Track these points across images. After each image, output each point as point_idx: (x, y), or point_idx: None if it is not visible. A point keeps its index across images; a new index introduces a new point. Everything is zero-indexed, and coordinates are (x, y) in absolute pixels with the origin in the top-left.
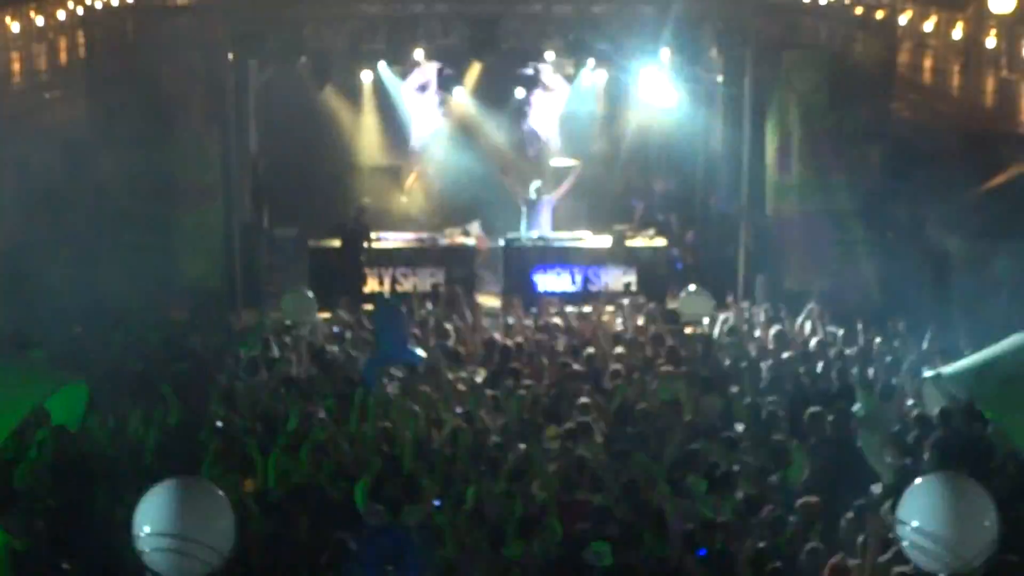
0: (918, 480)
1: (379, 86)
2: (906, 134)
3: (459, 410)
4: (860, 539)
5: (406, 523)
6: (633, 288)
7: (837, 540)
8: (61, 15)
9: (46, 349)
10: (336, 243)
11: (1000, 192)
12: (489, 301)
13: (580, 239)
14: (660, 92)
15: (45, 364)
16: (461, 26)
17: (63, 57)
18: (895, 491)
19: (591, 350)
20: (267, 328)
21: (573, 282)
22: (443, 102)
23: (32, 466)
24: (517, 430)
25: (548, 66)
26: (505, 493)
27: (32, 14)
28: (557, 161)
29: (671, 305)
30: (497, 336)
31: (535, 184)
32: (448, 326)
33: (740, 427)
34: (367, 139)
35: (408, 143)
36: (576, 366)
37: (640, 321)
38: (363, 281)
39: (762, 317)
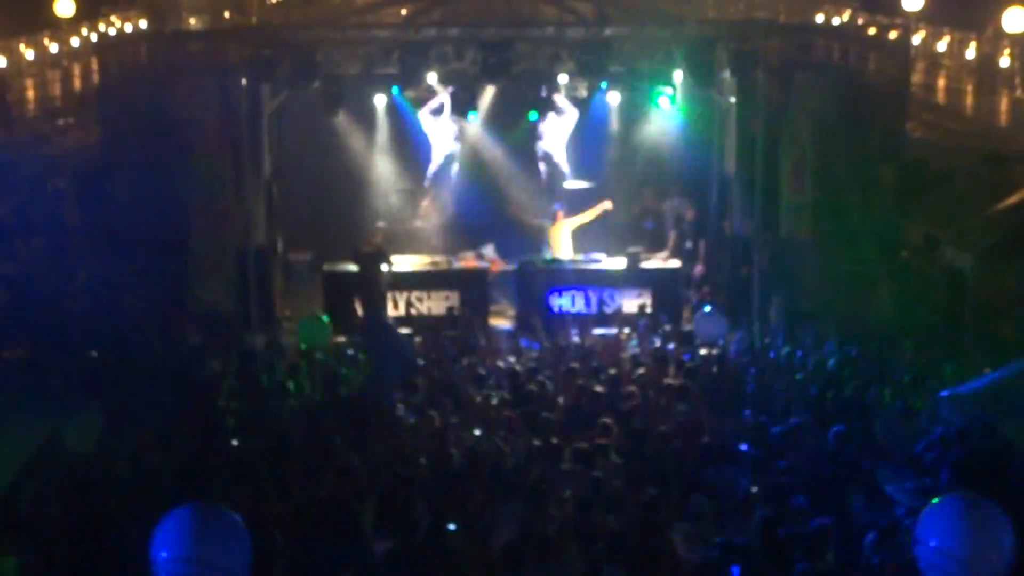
0: (936, 500)
1: (392, 110)
2: (920, 154)
3: (476, 432)
4: (879, 560)
5: (421, 546)
6: (648, 310)
7: (856, 561)
8: (75, 42)
9: (62, 375)
10: (353, 267)
11: (1014, 211)
12: (504, 324)
13: (594, 261)
14: (673, 114)
15: (60, 390)
16: (474, 50)
17: (77, 84)
18: (914, 511)
19: (607, 372)
20: (282, 352)
21: (588, 304)
22: (457, 126)
23: (48, 492)
24: (534, 452)
25: (561, 89)
26: (522, 516)
27: (46, 41)
28: (571, 184)
29: (686, 326)
30: (512, 359)
31: (554, 206)
32: (464, 349)
33: (758, 448)
34: (381, 163)
35: (422, 167)
36: (592, 388)
37: (656, 343)
38: (384, 304)
39: (777, 338)
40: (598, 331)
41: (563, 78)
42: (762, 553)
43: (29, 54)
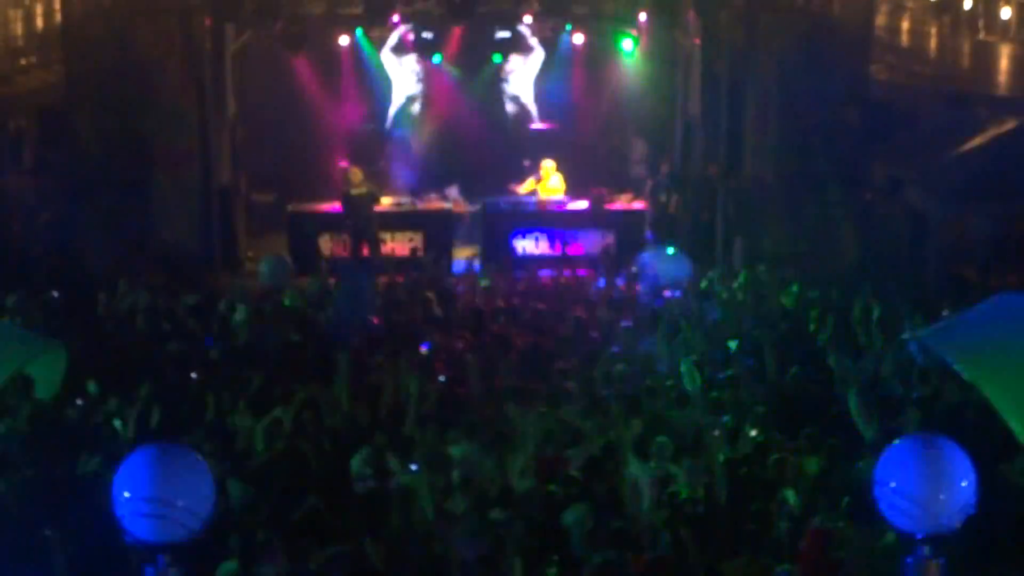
0: (896, 441)
1: (356, 51)
2: (884, 96)
3: (441, 377)
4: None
5: (387, 488)
6: (612, 251)
7: (816, 502)
8: None
9: (23, 314)
10: (340, 207)
11: (977, 154)
12: (468, 265)
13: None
14: (638, 56)
15: (24, 329)
16: None
17: (39, 23)
18: (875, 452)
19: (571, 313)
20: (246, 292)
21: (551, 246)
22: (420, 67)
23: (13, 433)
24: (499, 394)
25: (526, 30)
26: (487, 457)
27: None
28: (537, 125)
29: None
30: (478, 300)
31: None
32: (429, 292)
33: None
34: (345, 104)
35: (386, 108)
36: (556, 329)
37: (620, 284)
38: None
39: (740, 279)
40: (562, 272)
41: (528, 19)
42: (725, 493)
43: None
